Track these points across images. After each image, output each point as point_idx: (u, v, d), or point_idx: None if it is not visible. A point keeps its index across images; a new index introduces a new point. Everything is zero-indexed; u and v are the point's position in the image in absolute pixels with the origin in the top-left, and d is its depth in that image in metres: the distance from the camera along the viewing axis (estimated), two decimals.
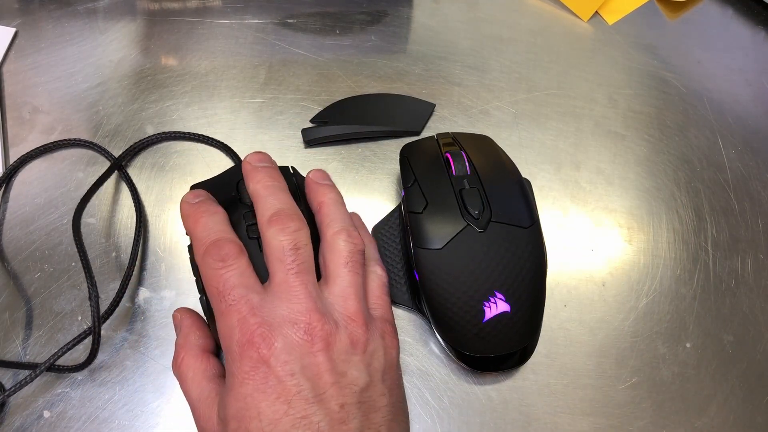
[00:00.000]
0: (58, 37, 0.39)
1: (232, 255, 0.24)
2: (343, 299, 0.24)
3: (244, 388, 0.22)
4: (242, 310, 0.23)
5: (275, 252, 0.24)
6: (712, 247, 0.35)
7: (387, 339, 0.25)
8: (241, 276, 0.24)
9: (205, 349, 0.26)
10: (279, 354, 0.22)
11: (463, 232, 0.28)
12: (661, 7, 0.44)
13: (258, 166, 0.27)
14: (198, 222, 0.25)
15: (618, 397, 0.30)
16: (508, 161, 0.32)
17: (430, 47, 0.41)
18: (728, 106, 0.40)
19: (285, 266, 0.24)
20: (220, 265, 0.23)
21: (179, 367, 0.25)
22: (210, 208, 0.26)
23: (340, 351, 0.23)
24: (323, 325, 0.23)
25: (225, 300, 0.23)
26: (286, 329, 0.22)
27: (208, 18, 0.41)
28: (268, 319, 0.23)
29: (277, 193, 0.26)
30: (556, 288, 0.33)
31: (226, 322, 0.23)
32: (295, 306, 0.23)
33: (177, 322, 0.28)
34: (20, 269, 0.32)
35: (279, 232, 0.24)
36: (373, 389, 0.23)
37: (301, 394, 0.22)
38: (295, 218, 0.25)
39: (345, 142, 0.37)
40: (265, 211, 0.25)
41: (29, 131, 0.36)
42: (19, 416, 0.28)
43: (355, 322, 0.24)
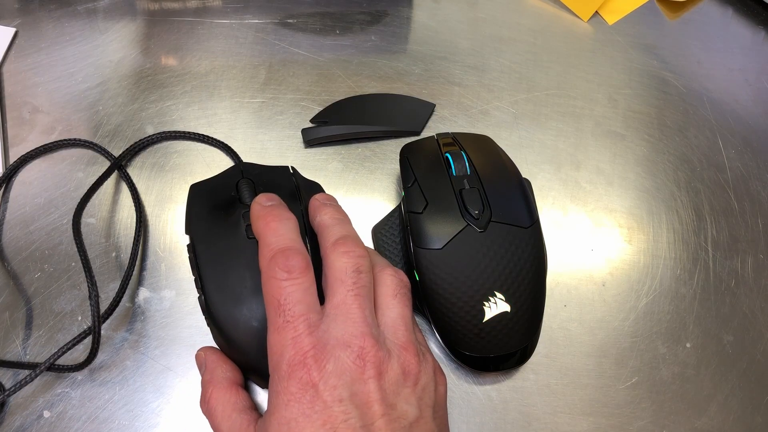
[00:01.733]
0: (58, 37, 0.39)
1: (299, 268, 0.23)
2: (393, 329, 0.24)
3: (288, 411, 0.21)
4: (299, 328, 0.22)
5: (338, 273, 0.24)
6: (712, 247, 0.35)
7: (438, 375, 0.25)
8: (304, 292, 0.23)
9: (233, 382, 0.25)
10: (329, 378, 0.21)
11: (463, 232, 0.28)
12: (661, 7, 0.44)
13: (327, 203, 0.27)
14: (268, 225, 0.25)
15: (618, 397, 0.30)
16: (508, 161, 0.32)
17: (430, 47, 0.41)
18: (728, 106, 0.40)
19: (346, 287, 0.23)
20: (285, 276, 0.23)
21: (208, 402, 0.24)
22: (282, 214, 0.25)
23: (391, 381, 0.22)
24: (376, 351, 0.22)
25: (284, 315, 0.22)
26: (339, 352, 0.22)
27: (208, 18, 0.41)
28: (323, 340, 0.22)
29: (344, 224, 0.26)
30: (556, 288, 0.33)
31: (280, 338, 0.22)
32: (350, 329, 0.22)
33: (201, 360, 0.27)
34: (20, 269, 0.32)
35: (344, 255, 0.24)
36: (423, 425, 0.22)
37: (348, 422, 0.21)
38: (361, 246, 0.25)
39: (345, 142, 0.37)
40: (331, 237, 0.25)
41: (29, 131, 0.36)
42: (19, 416, 0.28)
43: (408, 352, 0.23)
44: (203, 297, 0.26)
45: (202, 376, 0.26)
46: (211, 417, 0.24)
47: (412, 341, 0.24)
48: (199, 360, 0.27)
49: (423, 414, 0.22)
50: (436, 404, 0.23)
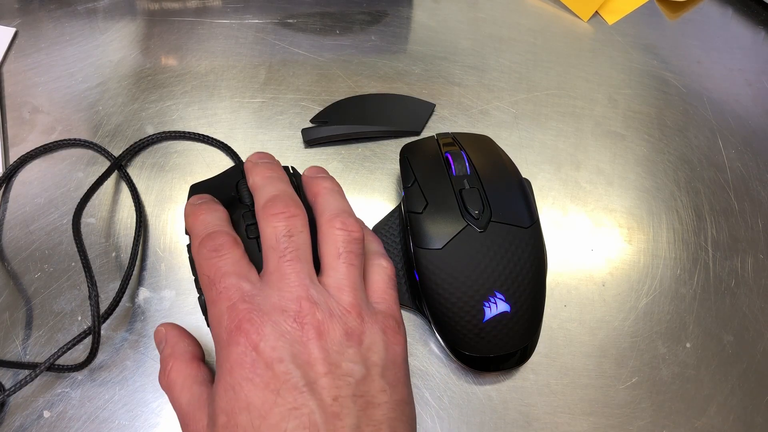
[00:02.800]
0: (58, 37, 0.39)
1: (226, 245, 0.23)
2: (338, 291, 0.23)
3: (232, 377, 0.21)
4: (233, 297, 0.22)
5: (268, 239, 0.23)
6: (712, 247, 0.35)
7: (389, 334, 0.24)
8: (234, 264, 0.23)
9: (194, 355, 0.25)
10: (268, 339, 0.21)
11: (463, 232, 0.28)
12: (661, 7, 0.44)
13: (258, 162, 0.27)
14: (197, 218, 0.25)
15: (618, 397, 0.30)
16: (508, 161, 0.32)
17: (430, 47, 0.41)
18: (728, 106, 0.40)
19: (277, 253, 0.23)
20: (213, 254, 0.23)
21: (168, 375, 0.24)
22: (210, 207, 0.26)
23: (333, 341, 0.22)
24: (314, 313, 0.22)
25: (216, 287, 0.22)
26: (276, 316, 0.22)
27: (208, 18, 0.41)
28: (259, 305, 0.22)
29: (275, 182, 0.25)
30: (556, 288, 0.33)
31: (217, 309, 0.22)
32: (285, 294, 0.22)
33: (161, 336, 0.26)
34: (20, 269, 0.32)
35: (272, 218, 0.23)
36: (371, 384, 0.22)
37: (290, 383, 0.20)
38: (291, 204, 0.24)
39: (345, 142, 0.37)
40: (260, 199, 0.25)
41: (29, 131, 0.36)
42: (19, 416, 0.28)
43: (350, 314, 0.23)
44: (203, 297, 0.26)
45: (161, 351, 0.26)
46: (171, 390, 0.24)
47: (356, 303, 0.23)
48: (159, 336, 0.26)
49: (370, 372, 0.22)
50: (386, 363, 0.23)
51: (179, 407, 0.23)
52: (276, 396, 0.20)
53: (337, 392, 0.21)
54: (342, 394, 0.21)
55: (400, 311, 0.26)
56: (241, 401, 0.21)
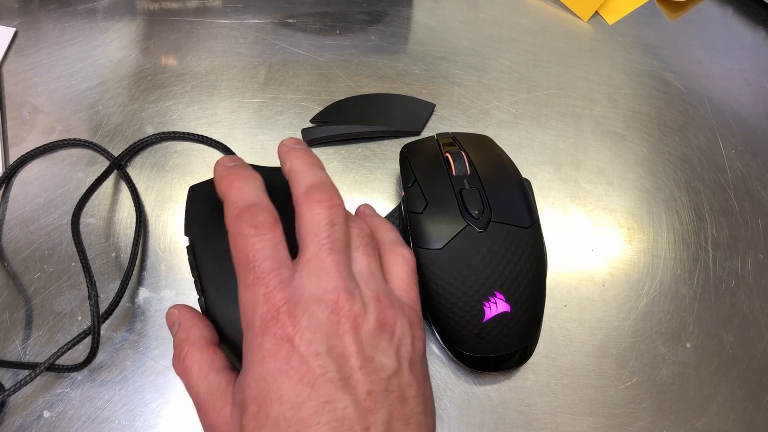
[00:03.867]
0: (58, 37, 0.39)
1: (267, 223, 0.22)
2: (363, 282, 0.23)
3: (264, 368, 0.20)
4: (270, 284, 0.21)
5: (309, 225, 0.23)
6: (712, 247, 0.35)
7: (414, 328, 0.24)
8: (274, 247, 0.22)
9: (210, 341, 0.24)
10: (304, 332, 0.20)
11: (463, 232, 0.28)
12: (661, 7, 0.44)
13: (295, 147, 0.26)
14: (232, 185, 0.23)
15: (618, 397, 0.30)
16: (508, 161, 0.32)
17: (430, 47, 0.41)
18: (728, 106, 0.40)
19: (319, 241, 0.22)
20: (253, 232, 0.22)
21: (183, 362, 0.23)
22: (246, 173, 0.24)
23: (368, 334, 0.21)
24: (351, 305, 0.21)
25: (254, 271, 0.21)
26: (313, 307, 0.21)
27: (208, 18, 0.41)
28: (296, 295, 0.21)
29: (314, 168, 0.25)
30: (556, 288, 0.33)
31: (252, 295, 0.21)
32: (324, 284, 0.22)
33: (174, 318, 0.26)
34: (20, 269, 0.32)
35: (315, 205, 0.23)
36: (402, 378, 0.22)
37: (326, 376, 0.20)
38: (333, 193, 0.23)
39: (345, 142, 0.37)
40: (301, 185, 0.24)
41: (29, 131, 0.36)
42: (19, 416, 0.28)
43: (382, 303, 0.22)
44: (203, 298, 0.26)
45: (175, 335, 0.25)
46: (187, 377, 0.23)
47: (385, 292, 0.23)
48: (172, 318, 0.26)
49: (401, 366, 0.22)
50: (413, 356, 0.23)
51: (196, 395, 0.23)
52: (310, 389, 0.20)
53: (371, 387, 0.21)
54: (375, 388, 0.21)
55: (420, 305, 0.26)
56: (273, 392, 0.20)
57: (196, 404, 0.23)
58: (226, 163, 0.25)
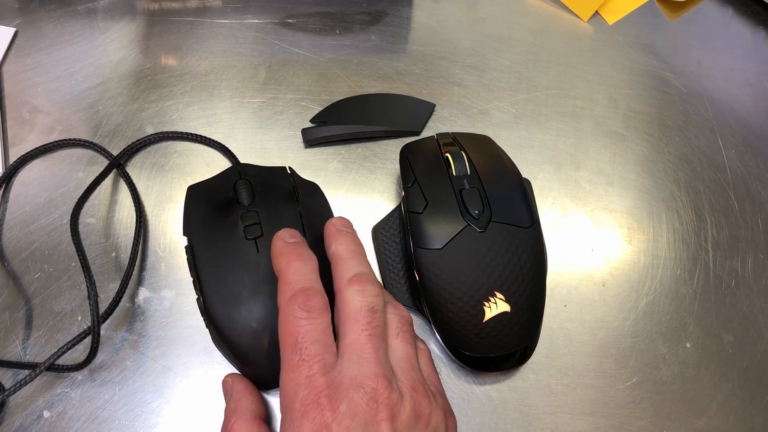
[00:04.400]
0: (58, 37, 0.39)
1: (318, 308, 0.23)
2: (402, 369, 0.24)
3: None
4: (314, 368, 0.22)
5: (352, 311, 0.24)
6: (712, 247, 0.35)
7: (448, 417, 0.24)
8: (322, 332, 0.23)
9: (257, 415, 0.25)
10: (342, 419, 0.21)
11: (463, 232, 0.28)
12: (661, 7, 0.44)
13: (343, 230, 0.27)
14: (291, 264, 0.25)
15: (618, 397, 0.30)
16: (508, 161, 0.32)
17: (430, 47, 0.41)
18: (728, 106, 0.40)
19: (359, 326, 0.23)
20: (304, 315, 0.23)
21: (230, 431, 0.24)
22: (305, 253, 0.25)
23: (404, 423, 0.22)
24: (389, 393, 0.22)
25: (300, 353, 0.22)
26: (353, 393, 0.22)
27: (208, 18, 0.41)
28: (337, 381, 0.22)
29: (359, 257, 0.26)
30: (556, 288, 0.33)
31: (294, 377, 0.22)
32: (364, 369, 0.22)
33: (227, 387, 0.27)
34: (20, 269, 0.32)
35: (358, 293, 0.24)
36: None
37: None
38: (376, 284, 0.25)
39: (345, 142, 0.37)
40: (346, 272, 0.25)
41: (29, 131, 0.36)
42: (19, 416, 0.28)
43: (419, 393, 0.23)
44: (202, 298, 0.26)
45: (227, 403, 0.26)
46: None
47: (421, 381, 0.24)
48: (226, 386, 0.27)
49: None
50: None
51: None
52: None
53: None
54: None
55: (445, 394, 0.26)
56: None
57: None
58: (286, 238, 0.26)
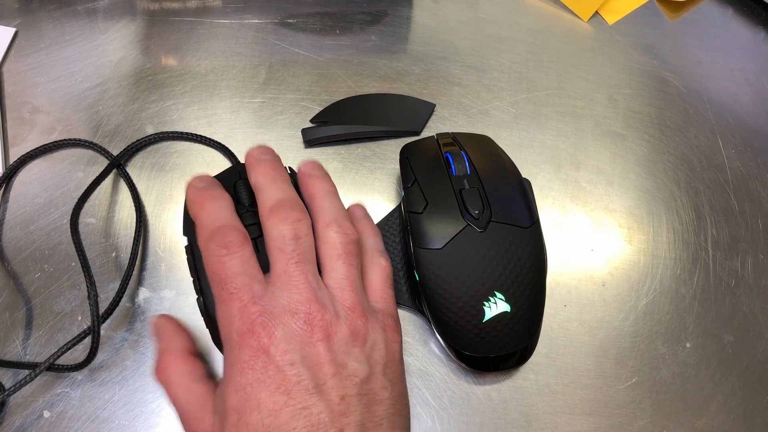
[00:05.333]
0: (58, 37, 0.39)
1: (236, 242, 0.23)
2: (340, 291, 0.24)
3: (243, 378, 0.22)
4: (243, 298, 0.23)
5: (276, 242, 0.24)
6: (712, 247, 0.35)
7: (388, 332, 0.25)
8: (244, 264, 0.23)
9: (189, 351, 0.26)
10: (279, 343, 0.22)
11: (463, 232, 0.28)
12: (661, 7, 0.44)
13: (261, 159, 0.27)
14: (203, 207, 0.25)
15: (618, 397, 0.30)
16: (508, 161, 0.32)
17: (430, 47, 0.41)
18: (728, 106, 0.40)
19: (285, 255, 0.24)
20: (223, 252, 0.23)
21: (164, 371, 0.25)
22: (216, 194, 0.26)
23: (340, 342, 0.23)
24: (323, 314, 0.23)
25: (227, 287, 0.23)
26: (286, 318, 0.22)
27: (208, 18, 0.41)
28: (269, 308, 0.22)
29: (279, 183, 0.26)
30: (556, 288, 0.33)
31: (227, 310, 0.23)
32: (294, 296, 0.23)
33: (157, 328, 0.27)
34: (20, 269, 0.32)
35: (280, 222, 0.24)
36: (374, 381, 0.23)
37: (301, 385, 0.21)
38: (296, 208, 0.25)
39: (345, 142, 0.37)
40: (266, 202, 0.25)
41: (29, 131, 0.36)
42: (19, 416, 0.28)
43: (354, 313, 0.24)
44: (202, 298, 0.26)
45: (158, 343, 0.26)
46: (168, 387, 0.24)
47: (359, 301, 0.24)
48: (156, 326, 0.27)
49: (373, 371, 0.23)
50: (387, 360, 0.24)
51: (179, 405, 0.24)
52: (287, 397, 0.21)
53: (344, 392, 0.22)
54: (348, 393, 0.22)
55: (396, 309, 0.27)
56: (252, 401, 0.21)
57: (177, 413, 0.24)
58: (196, 185, 0.26)
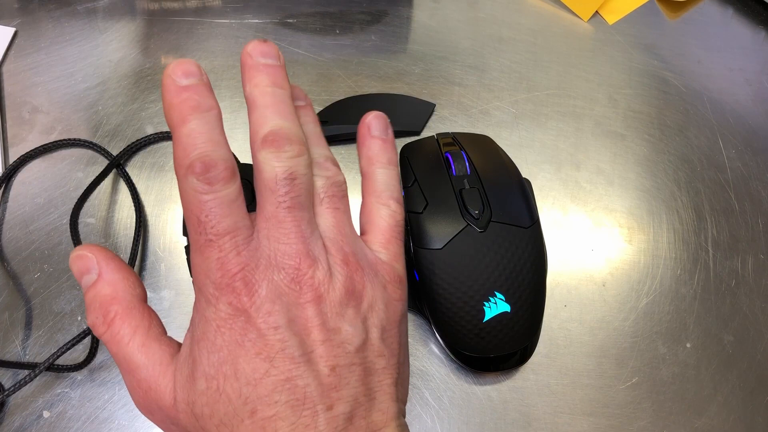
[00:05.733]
0: (58, 37, 0.39)
1: (222, 178, 0.19)
2: (331, 241, 0.21)
3: (219, 338, 0.18)
4: (225, 247, 0.19)
5: (267, 180, 0.20)
6: (712, 247, 0.35)
7: (389, 289, 0.21)
8: (230, 205, 0.19)
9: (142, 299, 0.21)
10: (262, 303, 0.19)
11: (463, 232, 0.28)
12: (661, 7, 0.44)
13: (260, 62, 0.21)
14: (185, 121, 0.19)
15: (618, 397, 0.30)
16: (508, 161, 0.32)
17: (430, 47, 0.41)
18: (728, 106, 0.40)
19: (276, 198, 0.20)
20: (206, 188, 0.19)
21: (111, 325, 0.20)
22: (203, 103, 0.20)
23: (332, 302, 0.19)
24: (314, 271, 0.19)
25: (206, 232, 0.19)
26: (272, 274, 0.19)
27: (207, 18, 0.41)
28: (253, 260, 0.19)
29: (278, 104, 0.21)
30: (556, 288, 0.33)
31: (204, 259, 0.19)
32: (283, 247, 0.19)
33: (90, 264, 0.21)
34: (20, 269, 0.32)
35: (273, 157, 0.20)
36: (370, 348, 0.20)
37: (285, 352, 0.18)
38: (295, 140, 0.20)
39: (345, 142, 0.37)
40: (259, 127, 0.20)
41: (29, 131, 0.36)
42: (19, 416, 0.28)
43: (350, 267, 0.20)
44: None
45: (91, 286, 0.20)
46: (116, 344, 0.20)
47: (352, 253, 0.21)
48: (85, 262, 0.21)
49: (369, 336, 0.20)
50: (386, 323, 0.21)
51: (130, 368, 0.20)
52: (269, 365, 0.18)
53: (335, 361, 0.19)
54: (340, 363, 0.19)
55: (403, 263, 0.23)
56: (227, 366, 0.18)
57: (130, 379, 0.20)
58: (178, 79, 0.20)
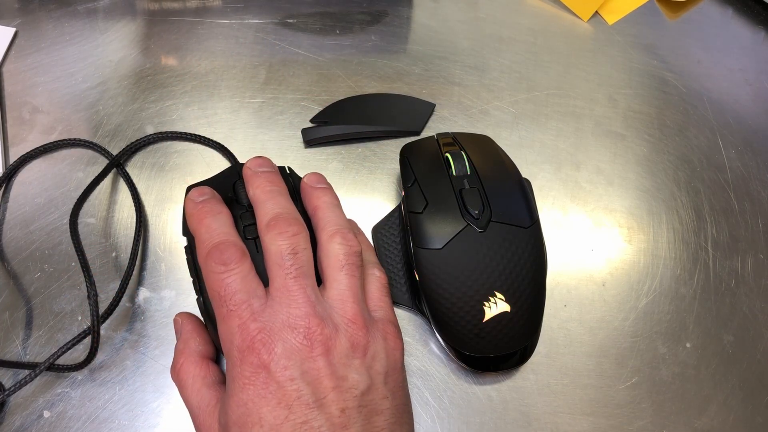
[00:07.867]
0: (58, 37, 0.39)
1: (234, 259, 0.24)
2: (341, 302, 0.24)
3: (245, 394, 0.22)
4: (243, 315, 0.23)
5: (274, 257, 0.24)
6: (712, 247, 0.35)
7: (389, 340, 0.25)
8: (242, 281, 0.24)
9: (204, 355, 0.26)
10: (279, 359, 0.22)
11: (463, 232, 0.28)
12: (661, 7, 0.44)
13: (258, 171, 0.27)
14: (202, 222, 0.25)
15: (618, 397, 0.30)
16: (508, 161, 0.32)
17: (430, 47, 0.41)
18: (728, 106, 0.40)
19: (283, 271, 0.24)
20: (222, 269, 0.23)
21: (178, 373, 0.25)
22: (214, 208, 0.26)
23: (340, 355, 0.23)
24: (322, 329, 0.23)
25: (226, 304, 0.23)
26: (286, 334, 0.23)
27: (208, 18, 0.41)
28: (269, 324, 0.23)
29: (276, 197, 0.26)
30: (556, 288, 0.33)
31: (227, 327, 0.23)
32: (294, 311, 0.23)
33: (178, 327, 0.28)
34: (20, 269, 0.32)
35: (277, 237, 0.24)
36: (375, 392, 0.23)
37: (301, 399, 0.22)
38: (294, 222, 0.25)
39: (345, 142, 0.37)
40: (263, 216, 0.25)
41: (29, 131, 0.36)
42: (19, 416, 0.28)
43: (355, 325, 0.24)
44: (202, 298, 0.26)
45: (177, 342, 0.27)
46: (182, 388, 0.25)
47: (359, 313, 0.24)
48: (176, 325, 0.28)
49: (374, 381, 0.23)
50: (388, 370, 0.24)
51: (189, 406, 0.25)
52: (288, 412, 0.22)
53: (344, 404, 0.22)
54: (348, 405, 0.22)
55: (396, 317, 0.27)
56: (253, 416, 0.22)
57: (190, 413, 0.25)
58: (195, 198, 0.26)
